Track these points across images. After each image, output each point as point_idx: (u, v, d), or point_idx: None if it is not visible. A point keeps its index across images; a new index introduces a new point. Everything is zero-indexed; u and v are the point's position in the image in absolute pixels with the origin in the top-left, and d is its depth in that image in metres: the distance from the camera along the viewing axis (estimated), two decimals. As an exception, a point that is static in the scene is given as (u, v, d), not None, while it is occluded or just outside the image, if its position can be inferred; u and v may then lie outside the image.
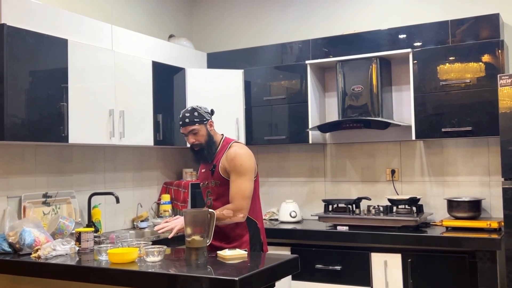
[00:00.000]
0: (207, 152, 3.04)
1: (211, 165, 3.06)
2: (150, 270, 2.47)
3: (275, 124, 4.42)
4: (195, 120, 3.01)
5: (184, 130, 3.04)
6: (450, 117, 3.78)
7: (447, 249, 3.52)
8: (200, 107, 3.08)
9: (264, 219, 4.38)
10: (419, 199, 3.98)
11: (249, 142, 4.44)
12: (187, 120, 3.02)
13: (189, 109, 3.07)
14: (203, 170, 3.15)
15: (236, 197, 2.92)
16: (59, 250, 2.88)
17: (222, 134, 3.16)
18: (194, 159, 3.14)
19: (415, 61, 3.92)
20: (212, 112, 3.13)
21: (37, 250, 2.88)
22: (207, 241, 2.76)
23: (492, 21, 3.85)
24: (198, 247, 2.72)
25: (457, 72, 3.78)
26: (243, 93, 4.53)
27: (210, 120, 3.08)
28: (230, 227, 2.98)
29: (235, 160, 2.96)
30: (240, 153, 3.00)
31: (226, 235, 3.00)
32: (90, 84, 3.52)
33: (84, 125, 3.46)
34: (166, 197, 4.45)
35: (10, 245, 2.99)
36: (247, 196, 2.95)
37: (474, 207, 3.79)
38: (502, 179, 3.33)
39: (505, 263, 3.29)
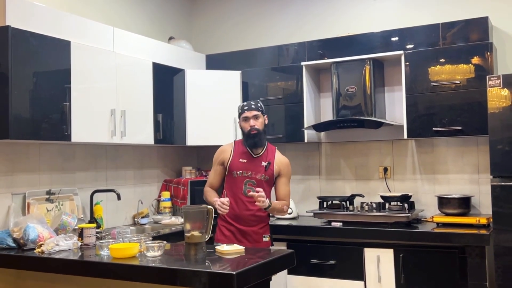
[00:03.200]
0: (259, 139, 3.34)
1: (260, 160, 3.35)
2: (150, 265, 2.48)
3: (272, 123, 4.41)
4: (260, 108, 3.37)
5: (249, 113, 3.33)
6: (440, 117, 3.78)
7: (437, 244, 3.53)
8: None
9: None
10: (410, 196, 3.98)
11: (247, 141, 4.44)
12: (253, 106, 3.36)
13: (255, 100, 3.46)
14: (242, 160, 3.36)
15: (288, 197, 3.43)
16: (62, 245, 2.88)
17: None
18: (248, 143, 3.36)
19: (407, 63, 3.93)
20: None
21: (40, 245, 2.88)
22: (206, 237, 2.77)
23: (481, 24, 3.86)
24: (197, 243, 2.72)
25: (447, 73, 3.79)
26: (241, 93, 4.53)
27: (266, 116, 3.43)
28: (260, 217, 3.36)
29: (289, 167, 3.47)
30: (288, 162, 3.48)
31: (256, 223, 3.35)
32: (92, 84, 3.52)
33: (87, 125, 3.45)
34: (166, 194, 4.45)
35: (15, 240, 2.98)
36: None
37: (464, 204, 3.80)
38: (491, 177, 3.33)
39: (493, 258, 3.29)
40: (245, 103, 3.41)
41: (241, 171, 3.35)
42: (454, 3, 4.15)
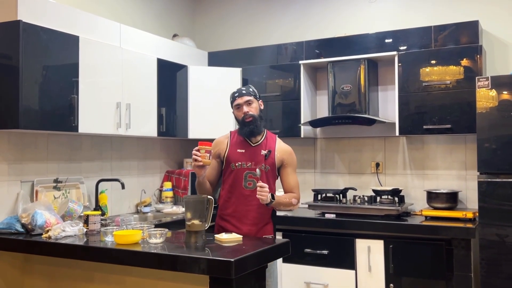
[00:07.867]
0: (255, 126, 2.96)
1: (260, 149, 2.96)
2: (152, 251, 2.48)
3: (270, 119, 4.42)
4: (252, 93, 3.01)
5: (240, 100, 2.97)
6: (431, 115, 3.79)
7: (425, 236, 3.54)
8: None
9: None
10: (401, 190, 3.99)
11: (246, 135, 4.44)
12: (244, 91, 3.00)
13: (247, 85, 3.08)
14: (240, 150, 2.98)
15: (296, 188, 3.03)
16: (68, 231, 2.88)
17: None
18: (244, 131, 2.99)
19: (400, 63, 3.93)
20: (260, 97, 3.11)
21: (48, 231, 2.88)
22: (206, 225, 2.77)
23: (472, 28, 3.86)
24: (197, 231, 2.73)
25: (438, 74, 3.78)
26: (241, 89, 4.52)
27: (261, 101, 3.07)
28: (263, 214, 2.97)
29: (292, 155, 3.05)
30: (292, 150, 3.07)
31: (257, 220, 2.97)
32: (99, 78, 3.51)
33: (93, 116, 3.44)
34: (168, 185, 4.45)
35: (23, 225, 2.98)
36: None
37: (451, 199, 3.81)
38: (478, 173, 3.34)
39: (478, 251, 3.31)
40: (235, 90, 3.03)
41: (240, 163, 2.94)
42: (447, 7, 4.15)
